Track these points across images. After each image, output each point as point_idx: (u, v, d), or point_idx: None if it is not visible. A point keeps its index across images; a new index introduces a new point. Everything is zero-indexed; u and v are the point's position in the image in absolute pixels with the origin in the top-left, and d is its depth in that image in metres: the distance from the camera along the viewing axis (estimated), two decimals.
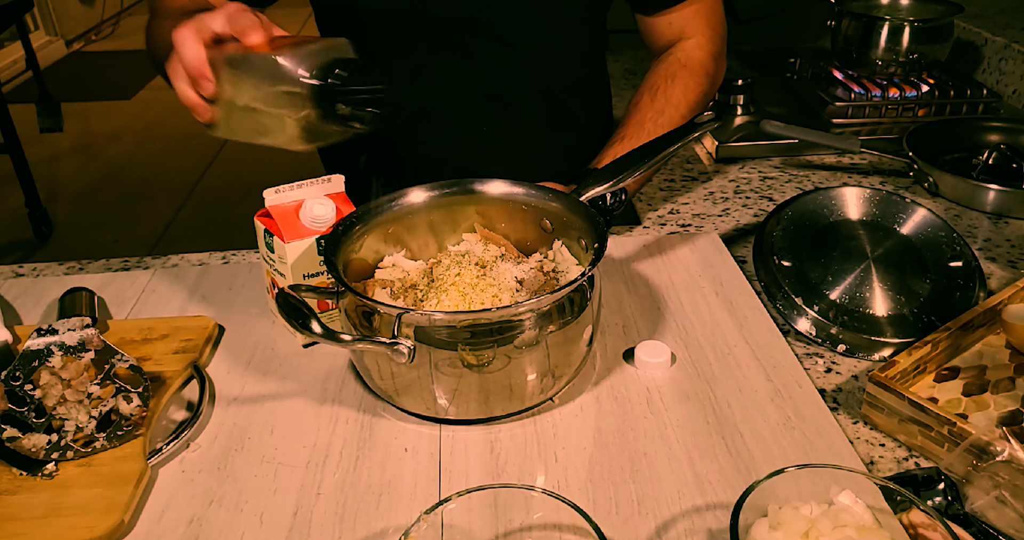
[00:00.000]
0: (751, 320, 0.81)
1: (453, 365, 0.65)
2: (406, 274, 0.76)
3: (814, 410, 0.69)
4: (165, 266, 0.95)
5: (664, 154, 0.83)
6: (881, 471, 0.64)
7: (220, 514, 0.61)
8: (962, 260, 0.81)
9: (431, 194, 0.78)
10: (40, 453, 0.64)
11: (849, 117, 1.29)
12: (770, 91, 1.40)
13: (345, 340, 0.62)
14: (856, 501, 0.52)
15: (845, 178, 1.15)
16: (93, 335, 0.66)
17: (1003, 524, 0.57)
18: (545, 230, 0.78)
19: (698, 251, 0.94)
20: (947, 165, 1.12)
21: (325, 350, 0.78)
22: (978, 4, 1.55)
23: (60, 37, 4.99)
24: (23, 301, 0.88)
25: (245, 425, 0.70)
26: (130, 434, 0.66)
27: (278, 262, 0.76)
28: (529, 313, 0.64)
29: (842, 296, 0.79)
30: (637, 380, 0.73)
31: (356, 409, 0.71)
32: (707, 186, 1.13)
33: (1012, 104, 1.38)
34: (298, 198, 0.76)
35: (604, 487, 0.62)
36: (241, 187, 3.31)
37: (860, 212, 0.86)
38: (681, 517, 0.60)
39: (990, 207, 1.03)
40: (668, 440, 0.67)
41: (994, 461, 0.59)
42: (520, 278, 0.74)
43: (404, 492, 0.63)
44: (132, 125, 4.02)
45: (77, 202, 3.32)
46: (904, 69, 1.34)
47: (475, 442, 0.67)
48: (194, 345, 0.77)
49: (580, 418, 0.70)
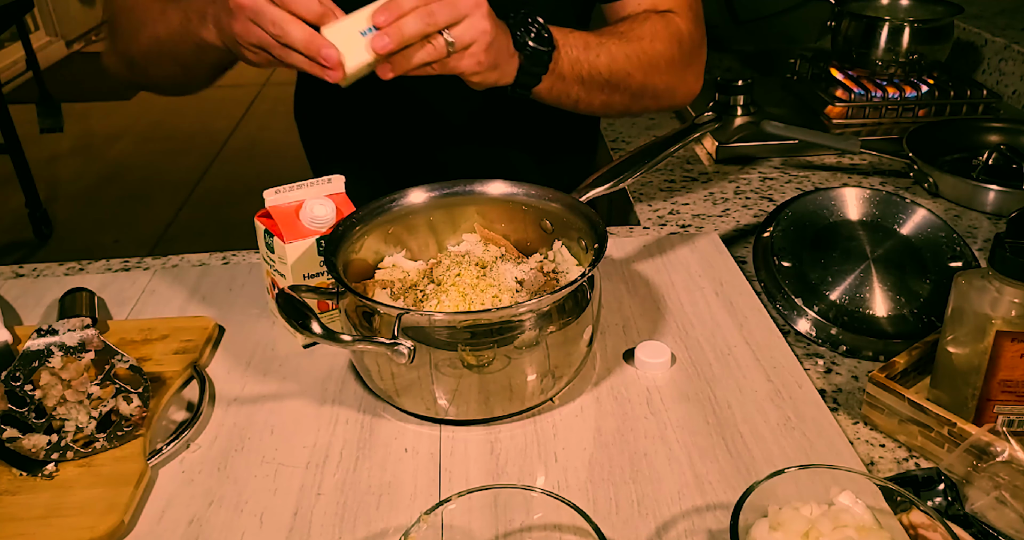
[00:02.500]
0: (751, 320, 0.81)
1: (453, 365, 0.65)
2: (406, 274, 0.76)
3: (814, 410, 0.69)
4: (165, 266, 0.95)
5: (664, 154, 0.83)
6: (881, 471, 0.64)
7: (220, 514, 0.61)
8: (962, 260, 0.81)
9: (431, 194, 0.78)
10: (40, 453, 0.64)
11: (849, 118, 1.29)
12: (770, 91, 1.40)
13: (345, 340, 0.62)
14: (856, 501, 0.52)
15: (845, 178, 1.15)
16: (93, 335, 0.66)
17: (1003, 524, 0.57)
18: (545, 230, 0.78)
19: (698, 251, 0.94)
20: (947, 165, 1.12)
21: (325, 350, 0.78)
22: (978, 5, 1.55)
23: (60, 38, 4.99)
24: (23, 301, 0.88)
25: (245, 425, 0.70)
26: (130, 434, 0.66)
27: (278, 262, 0.76)
28: (529, 313, 0.64)
29: (842, 296, 0.79)
30: (637, 380, 0.73)
31: (356, 409, 0.71)
32: (707, 187, 1.13)
33: (1012, 104, 1.38)
34: (298, 198, 0.76)
35: (604, 487, 0.62)
36: (241, 187, 3.31)
37: (860, 212, 0.86)
38: (681, 517, 0.60)
39: (990, 207, 1.03)
40: (668, 440, 0.67)
41: (994, 462, 0.59)
42: (520, 278, 0.74)
43: (404, 492, 0.63)
44: (132, 126, 4.02)
45: (77, 202, 3.32)
46: (904, 70, 1.34)
47: (475, 442, 0.67)
48: (194, 345, 0.77)
49: (580, 418, 0.70)
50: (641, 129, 1.35)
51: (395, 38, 0.69)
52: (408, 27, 0.70)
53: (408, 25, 0.70)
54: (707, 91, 1.36)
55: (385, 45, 0.69)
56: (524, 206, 0.78)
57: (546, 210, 0.77)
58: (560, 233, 0.77)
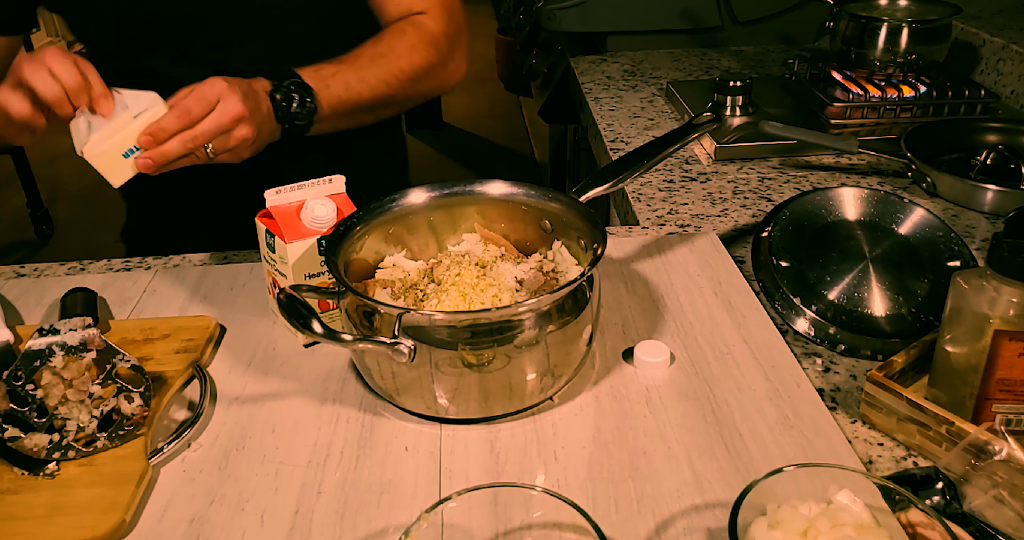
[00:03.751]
0: (750, 320, 0.81)
1: (453, 365, 0.65)
2: (406, 274, 0.76)
3: (812, 409, 0.70)
4: (166, 266, 0.95)
5: (663, 154, 0.83)
6: (879, 470, 0.65)
7: (221, 513, 0.62)
8: (960, 260, 0.82)
9: (431, 194, 0.78)
10: (41, 453, 0.64)
11: (847, 118, 1.30)
12: (769, 92, 1.40)
13: (346, 340, 0.63)
14: (854, 500, 0.52)
15: (843, 178, 1.15)
16: (94, 335, 0.66)
17: (1001, 523, 0.57)
18: (545, 230, 0.79)
19: (697, 251, 0.94)
20: (945, 165, 1.12)
21: (326, 350, 0.78)
22: (976, 5, 1.55)
23: (61, 38, 4.99)
24: (25, 301, 0.88)
25: (246, 424, 0.70)
26: (131, 434, 0.67)
27: (279, 262, 0.76)
28: (529, 313, 0.64)
29: (840, 296, 0.80)
30: (636, 379, 0.74)
31: (357, 408, 0.71)
32: (706, 186, 1.13)
33: (1010, 104, 1.38)
34: (299, 199, 0.76)
35: (603, 486, 0.63)
36: None
37: (858, 212, 0.86)
38: (680, 516, 0.60)
39: (988, 207, 1.03)
40: (667, 439, 0.67)
41: (992, 460, 0.59)
42: (520, 278, 0.74)
43: (404, 491, 0.63)
44: None
45: (78, 202, 3.33)
46: (902, 70, 1.35)
47: (475, 441, 0.68)
48: (195, 345, 0.77)
49: (580, 417, 0.70)
50: (640, 129, 1.35)
51: (159, 161, 0.77)
52: (172, 151, 0.77)
53: (171, 150, 0.77)
54: (706, 91, 1.37)
55: (149, 167, 0.77)
56: (524, 206, 0.78)
57: (546, 210, 0.77)
58: (560, 233, 0.78)
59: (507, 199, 0.78)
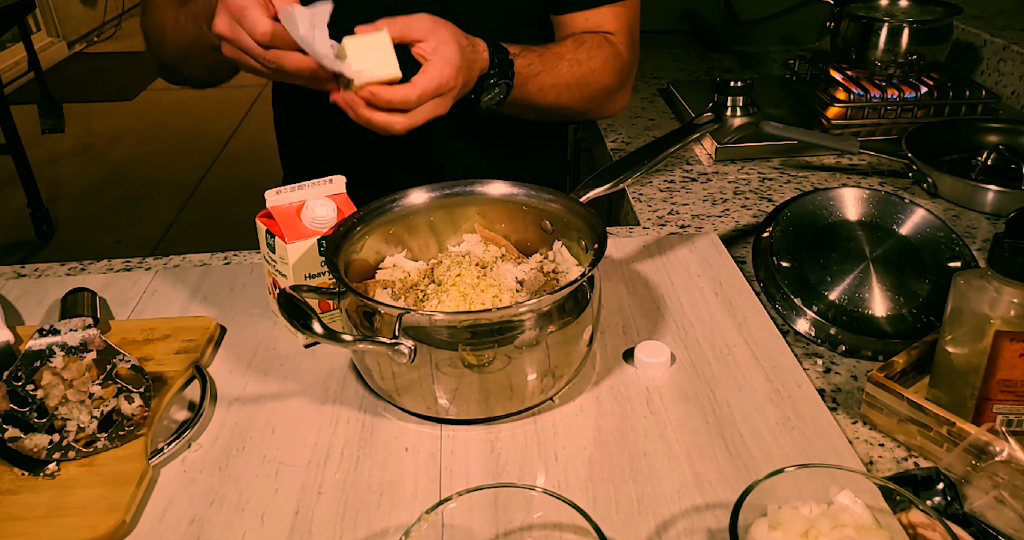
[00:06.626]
0: (750, 320, 0.81)
1: (454, 365, 0.65)
2: (407, 274, 0.76)
3: (813, 410, 0.69)
4: (167, 267, 0.95)
5: (664, 155, 0.83)
6: (880, 471, 0.65)
7: (221, 514, 0.62)
8: (961, 260, 0.82)
9: (432, 195, 0.78)
10: (42, 453, 0.64)
11: (848, 118, 1.29)
12: (769, 92, 1.40)
13: (346, 340, 0.63)
14: (855, 501, 0.52)
15: (844, 179, 1.15)
16: (95, 335, 0.66)
17: (1002, 524, 0.57)
18: (545, 231, 0.79)
19: (697, 252, 0.94)
20: (946, 166, 1.12)
21: (326, 350, 0.78)
22: (977, 5, 1.55)
23: (62, 38, 4.99)
24: (25, 301, 0.88)
25: (246, 425, 0.70)
26: (132, 434, 0.67)
27: (279, 263, 0.76)
28: (529, 313, 0.64)
29: (841, 296, 0.80)
30: (637, 380, 0.74)
31: (357, 409, 0.71)
32: (706, 187, 1.13)
33: (1011, 105, 1.38)
34: (299, 199, 0.76)
35: (604, 486, 0.63)
36: (242, 188, 3.31)
37: (859, 213, 0.86)
38: (681, 516, 0.60)
39: (989, 208, 1.03)
40: (668, 440, 0.67)
41: (993, 461, 0.59)
42: (520, 278, 0.74)
43: (405, 492, 0.63)
44: (134, 126, 4.02)
45: (79, 203, 3.33)
46: (903, 70, 1.35)
47: (475, 442, 0.67)
48: (196, 345, 0.77)
49: (580, 418, 0.70)
50: (641, 129, 1.35)
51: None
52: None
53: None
54: (707, 92, 1.37)
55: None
56: (524, 206, 0.78)
57: (546, 210, 0.77)
58: (560, 233, 0.78)
59: (507, 199, 0.78)
